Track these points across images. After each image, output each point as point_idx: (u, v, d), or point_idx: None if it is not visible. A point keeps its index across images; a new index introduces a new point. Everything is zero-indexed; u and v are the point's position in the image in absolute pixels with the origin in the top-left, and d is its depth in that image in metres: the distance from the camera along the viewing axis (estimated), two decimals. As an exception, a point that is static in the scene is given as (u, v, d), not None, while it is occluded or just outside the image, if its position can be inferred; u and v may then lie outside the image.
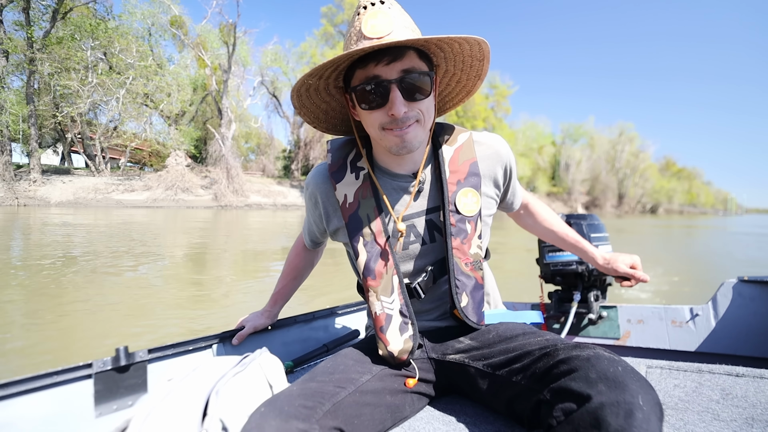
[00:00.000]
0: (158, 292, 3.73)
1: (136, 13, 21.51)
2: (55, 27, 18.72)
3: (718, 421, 0.73)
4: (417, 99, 0.72)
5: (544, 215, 1.06)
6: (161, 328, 2.69)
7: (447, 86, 0.85)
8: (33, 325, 2.66)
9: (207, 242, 7.66)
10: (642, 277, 0.97)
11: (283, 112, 32.20)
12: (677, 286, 4.66)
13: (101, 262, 4.98)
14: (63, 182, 19.01)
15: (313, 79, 0.73)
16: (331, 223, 0.88)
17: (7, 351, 2.24)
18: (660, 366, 1.01)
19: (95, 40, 19.67)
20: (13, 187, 17.17)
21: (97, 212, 14.31)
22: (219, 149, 24.02)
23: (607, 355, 0.58)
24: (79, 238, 7.19)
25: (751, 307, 1.21)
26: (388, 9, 0.69)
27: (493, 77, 45.10)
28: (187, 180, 21.92)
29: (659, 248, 9.33)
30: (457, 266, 0.78)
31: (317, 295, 3.66)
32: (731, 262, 6.94)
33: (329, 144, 0.89)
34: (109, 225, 9.98)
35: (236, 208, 21.73)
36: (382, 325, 0.76)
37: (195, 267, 5.11)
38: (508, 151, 0.88)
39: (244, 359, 0.73)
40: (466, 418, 0.78)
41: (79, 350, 2.29)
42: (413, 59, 0.71)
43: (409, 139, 0.73)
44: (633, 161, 59.83)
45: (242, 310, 2.37)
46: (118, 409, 0.83)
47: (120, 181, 20.59)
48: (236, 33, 24.54)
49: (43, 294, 3.41)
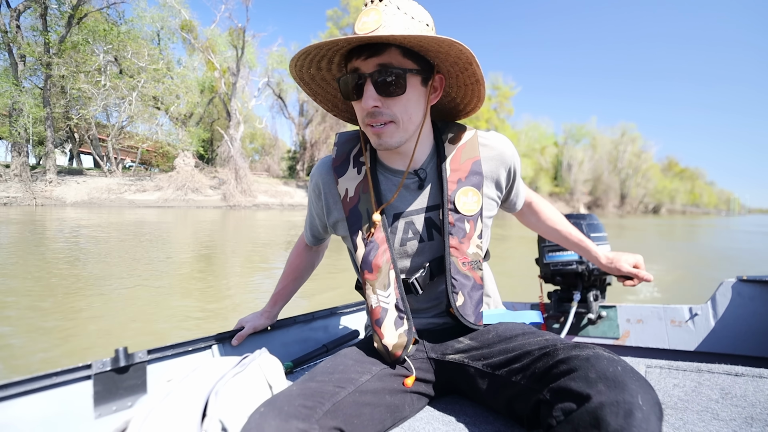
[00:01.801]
0: (180, 289, 3.76)
1: (145, 17, 21.70)
2: (70, 32, 18.99)
3: (717, 421, 0.72)
4: (392, 95, 0.70)
5: (548, 213, 1.05)
6: (176, 328, 2.69)
7: (458, 90, 0.83)
8: (49, 321, 2.70)
9: (232, 240, 7.76)
10: (645, 277, 0.96)
11: (288, 113, 32.32)
12: (680, 284, 4.61)
13: (117, 260, 5.03)
14: (77, 182, 19.25)
15: (308, 68, 0.75)
16: (332, 215, 0.87)
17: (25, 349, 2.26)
18: (659, 365, 1.00)
19: (108, 44, 19.91)
20: (31, 188, 17.43)
21: (111, 212, 14.47)
22: (228, 150, 24.17)
23: (607, 355, 0.58)
24: (99, 237, 7.30)
25: (751, 307, 1.19)
26: (384, 7, 0.69)
27: (496, 78, 44.90)
28: (196, 180, 22.09)
29: (661, 246, 9.24)
30: (454, 265, 0.77)
31: (317, 293, 3.66)
32: (738, 253, 6.81)
33: (337, 137, 0.89)
34: (124, 224, 10.10)
35: (244, 207, 21.85)
36: (378, 318, 0.76)
37: (219, 265, 5.15)
38: (513, 153, 0.86)
39: (244, 360, 0.73)
40: (465, 418, 0.77)
41: (83, 350, 2.30)
42: (394, 56, 0.69)
43: (384, 136, 0.74)
44: (635, 161, 59.24)
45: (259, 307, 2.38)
46: (118, 410, 0.82)
47: (132, 181, 20.80)
48: (245, 37, 24.70)
49: (64, 292, 3.44)
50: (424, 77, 0.73)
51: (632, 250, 1.03)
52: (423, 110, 0.76)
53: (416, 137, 0.78)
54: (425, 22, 0.72)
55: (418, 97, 0.74)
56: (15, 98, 17.61)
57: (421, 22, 0.71)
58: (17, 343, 2.32)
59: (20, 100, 17.72)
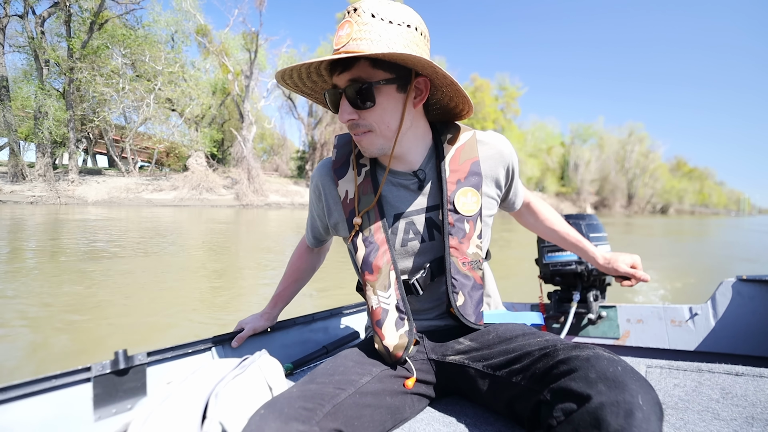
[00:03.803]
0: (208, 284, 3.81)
1: (160, 20, 22.05)
2: (91, 37, 19.43)
3: (718, 420, 0.71)
4: (365, 107, 0.71)
5: (546, 214, 1.04)
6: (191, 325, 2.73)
7: (442, 93, 0.80)
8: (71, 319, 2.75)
9: (254, 238, 7.84)
10: (642, 277, 0.95)
11: (297, 114, 32.43)
12: (684, 282, 4.50)
13: (137, 255, 5.12)
14: (97, 182, 19.68)
15: (304, 81, 0.77)
16: (332, 216, 0.87)
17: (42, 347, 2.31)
18: (660, 365, 0.98)
19: (126, 48, 20.29)
20: (55, 187, 17.88)
21: (129, 210, 14.76)
22: (240, 151, 24.42)
23: (607, 355, 0.57)
24: (128, 234, 7.45)
25: (751, 306, 1.16)
26: (358, 17, 0.67)
27: (503, 79, 44.50)
28: (210, 180, 22.39)
29: (663, 245, 9.04)
30: (454, 265, 0.76)
31: (320, 291, 3.67)
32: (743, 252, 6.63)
33: (336, 139, 0.89)
34: (148, 221, 10.28)
35: (257, 207, 22.06)
36: (379, 319, 0.75)
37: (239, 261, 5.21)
38: (511, 151, 0.85)
39: (244, 361, 0.72)
40: (466, 419, 0.76)
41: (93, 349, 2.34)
42: (364, 69, 0.69)
43: (365, 145, 0.76)
44: (643, 161, 58.11)
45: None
46: (117, 413, 0.81)
47: (149, 181, 21.17)
48: (258, 41, 24.92)
49: (88, 288, 3.52)
50: (400, 84, 0.71)
51: (630, 250, 1.01)
52: (400, 116, 0.74)
53: (408, 140, 0.78)
54: (407, 23, 0.69)
55: (395, 105, 0.73)
56: (41, 101, 18.10)
57: (401, 25, 0.69)
58: (39, 339, 2.37)
59: (46, 103, 18.20)
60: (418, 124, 0.80)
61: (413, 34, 0.70)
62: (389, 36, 0.67)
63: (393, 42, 0.67)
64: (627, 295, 3.69)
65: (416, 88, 0.75)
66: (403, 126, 0.75)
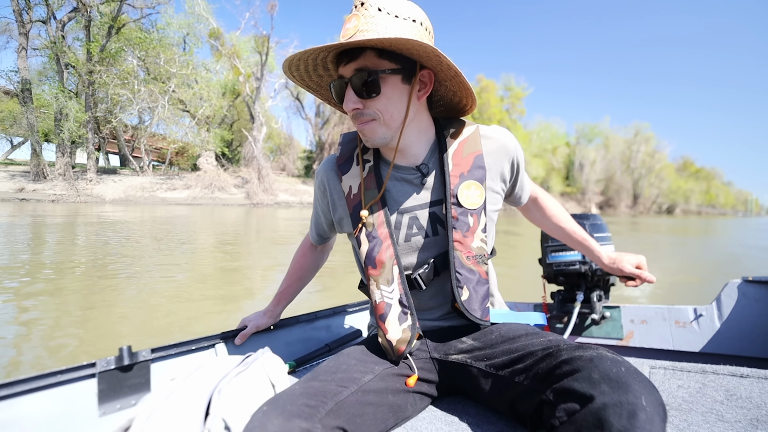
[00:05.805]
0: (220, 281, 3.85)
1: (173, 23, 22.32)
2: (109, 41, 19.79)
3: (722, 422, 0.69)
4: (370, 96, 0.71)
5: (553, 210, 1.01)
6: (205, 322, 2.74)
7: (446, 86, 0.80)
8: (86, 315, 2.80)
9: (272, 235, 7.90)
10: (647, 278, 0.93)
11: (305, 114, 32.60)
12: (685, 281, 4.40)
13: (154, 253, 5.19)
14: (114, 181, 20.07)
15: (311, 74, 0.77)
16: (337, 212, 0.86)
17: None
18: (663, 366, 0.96)
19: (142, 51, 20.61)
20: (75, 186, 18.27)
21: (144, 209, 14.98)
22: (251, 151, 24.63)
23: (610, 356, 0.55)
24: (146, 233, 7.54)
25: (756, 308, 1.13)
26: (365, 11, 0.68)
27: (508, 79, 44.08)
28: (222, 180, 22.65)
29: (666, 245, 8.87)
30: (458, 259, 0.74)
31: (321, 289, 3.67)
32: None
33: (341, 137, 0.89)
34: (165, 220, 10.41)
35: (267, 205, 22.24)
36: (382, 313, 0.75)
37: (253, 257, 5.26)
38: (516, 145, 0.84)
39: (247, 359, 0.72)
40: (468, 418, 0.74)
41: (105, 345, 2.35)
42: (370, 59, 0.69)
43: (367, 134, 0.75)
44: (649, 161, 57.19)
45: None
46: (122, 408, 0.81)
47: (163, 180, 21.51)
48: (269, 44, 25.08)
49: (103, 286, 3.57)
50: (405, 75, 0.71)
51: (635, 249, 0.99)
52: (406, 106, 0.74)
53: (411, 133, 0.77)
54: (412, 18, 0.70)
55: (399, 95, 0.73)
56: (63, 104, 18.50)
57: (407, 19, 0.69)
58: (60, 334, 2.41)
59: (68, 105, 18.60)
60: (422, 118, 0.79)
61: (418, 28, 0.70)
62: (395, 29, 0.68)
63: (398, 34, 0.67)
64: (631, 296, 3.63)
65: (420, 81, 0.74)
66: (407, 118, 0.75)
